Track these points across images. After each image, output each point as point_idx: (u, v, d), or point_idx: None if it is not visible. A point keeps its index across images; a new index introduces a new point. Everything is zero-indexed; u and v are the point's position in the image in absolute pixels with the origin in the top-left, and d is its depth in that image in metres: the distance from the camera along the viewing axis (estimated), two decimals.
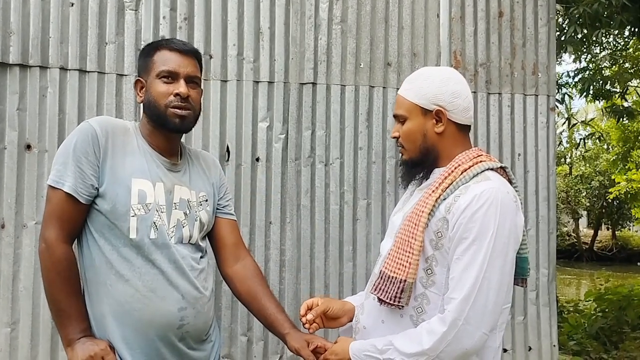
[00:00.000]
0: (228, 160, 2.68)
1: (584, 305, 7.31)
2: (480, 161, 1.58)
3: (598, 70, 8.19)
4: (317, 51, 2.79)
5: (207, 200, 1.82)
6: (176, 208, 1.70)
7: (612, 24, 5.47)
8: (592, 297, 6.61)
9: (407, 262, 1.51)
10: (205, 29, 2.69)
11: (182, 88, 1.68)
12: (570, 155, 21.37)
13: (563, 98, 8.72)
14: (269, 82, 2.74)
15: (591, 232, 22.27)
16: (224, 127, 2.69)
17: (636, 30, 6.22)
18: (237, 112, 2.70)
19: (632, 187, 14.59)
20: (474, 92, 2.91)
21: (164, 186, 1.69)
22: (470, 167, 1.56)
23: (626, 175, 14.29)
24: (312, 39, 2.79)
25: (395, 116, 1.69)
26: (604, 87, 7.95)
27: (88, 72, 2.57)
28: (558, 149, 16.47)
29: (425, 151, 1.63)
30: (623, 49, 8.23)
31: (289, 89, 2.76)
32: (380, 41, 2.85)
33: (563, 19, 6.12)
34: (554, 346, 2.95)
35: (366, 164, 2.81)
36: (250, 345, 2.67)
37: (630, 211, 20.13)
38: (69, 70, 2.55)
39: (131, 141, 1.69)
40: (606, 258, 20.38)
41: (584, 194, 20.92)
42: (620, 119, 8.34)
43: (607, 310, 6.08)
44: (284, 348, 2.57)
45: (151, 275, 1.63)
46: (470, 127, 1.69)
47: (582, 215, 23.43)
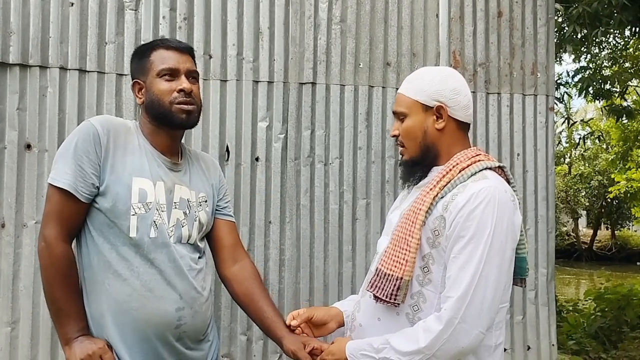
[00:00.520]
0: (228, 160, 2.69)
1: (583, 304, 7.32)
2: (478, 160, 1.58)
3: (598, 69, 8.19)
4: (317, 51, 2.79)
5: (207, 201, 1.83)
6: (176, 207, 1.70)
7: (612, 23, 5.48)
8: (591, 297, 6.62)
9: (404, 260, 1.51)
10: (204, 29, 2.70)
11: (186, 83, 1.70)
12: (569, 155, 21.39)
13: (562, 97, 8.73)
14: (269, 82, 2.74)
15: (590, 232, 22.28)
16: (224, 127, 2.69)
17: (636, 30, 6.22)
18: (237, 112, 2.71)
19: (632, 187, 14.60)
20: (473, 92, 2.92)
21: (165, 185, 1.69)
22: (468, 166, 1.56)
23: (626, 174, 14.30)
24: (312, 39, 2.79)
25: (395, 114, 1.68)
26: (604, 87, 7.96)
27: (88, 72, 2.57)
28: (557, 149, 16.48)
29: (425, 148, 1.63)
30: (623, 49, 8.23)
31: (289, 89, 2.76)
32: (379, 41, 2.85)
33: (562, 19, 6.12)
34: (553, 346, 2.96)
35: (365, 164, 2.81)
36: (249, 344, 2.68)
37: (629, 211, 20.15)
38: (69, 70, 2.55)
39: (132, 140, 1.70)
40: (605, 258, 20.38)
41: (583, 194, 20.93)
42: (619, 119, 8.34)
43: (606, 309, 6.08)
44: None
45: (149, 274, 1.63)
46: (469, 127, 1.70)
47: (582, 214, 23.45)
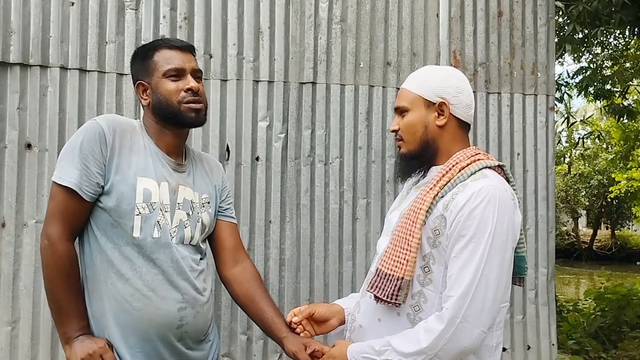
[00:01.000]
0: (228, 159, 2.69)
1: (583, 304, 7.32)
2: (478, 159, 1.58)
3: (598, 69, 8.19)
4: (317, 51, 2.79)
5: (209, 202, 1.83)
6: (179, 208, 1.71)
7: (612, 23, 5.47)
8: (591, 297, 6.61)
9: (405, 260, 1.50)
10: (205, 29, 2.70)
11: (193, 82, 1.71)
12: (570, 154, 21.38)
13: (562, 97, 8.72)
14: (269, 82, 2.74)
15: (590, 232, 22.26)
16: (224, 127, 2.70)
17: (636, 29, 6.22)
18: (237, 112, 2.71)
19: (633, 186, 14.60)
20: (474, 92, 2.90)
21: (169, 186, 1.69)
22: (468, 165, 1.56)
23: (626, 174, 14.29)
24: (312, 39, 2.79)
25: (396, 109, 1.67)
26: (604, 87, 7.96)
27: (88, 72, 2.58)
28: (557, 148, 16.47)
29: (424, 144, 1.62)
30: (624, 49, 8.23)
31: (289, 89, 2.76)
32: (379, 41, 2.85)
33: (563, 18, 6.11)
34: (553, 345, 2.96)
35: (366, 163, 2.81)
36: (250, 344, 2.68)
37: (629, 210, 20.16)
38: (70, 69, 2.55)
39: (137, 140, 1.70)
40: (605, 257, 20.37)
41: (583, 193, 20.92)
42: (620, 118, 8.33)
43: (606, 309, 6.08)
44: None
45: (152, 274, 1.63)
46: (470, 127, 1.70)
47: (582, 214, 23.44)
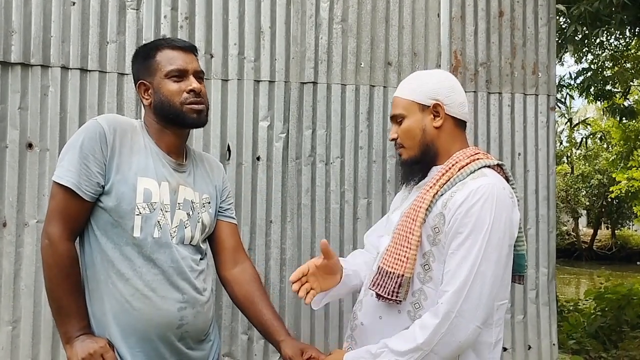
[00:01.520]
0: (229, 159, 2.69)
1: (584, 304, 7.32)
2: (477, 158, 1.61)
3: (599, 70, 8.18)
4: (318, 50, 2.79)
5: (210, 202, 1.83)
6: (180, 208, 1.71)
7: (613, 23, 5.47)
8: (592, 296, 6.61)
9: (405, 257, 1.52)
10: (206, 28, 2.70)
11: (195, 84, 1.71)
12: (570, 154, 21.36)
13: (565, 99, 8.73)
14: (270, 82, 2.74)
15: (591, 231, 22.25)
16: (225, 126, 2.70)
17: (636, 30, 6.22)
18: (238, 111, 2.71)
19: (634, 186, 14.60)
20: (474, 92, 2.92)
21: (169, 186, 1.69)
22: (467, 164, 1.58)
23: (627, 173, 14.29)
24: (313, 39, 2.79)
25: (392, 117, 1.71)
26: (605, 88, 7.95)
27: (89, 71, 2.58)
28: (558, 149, 16.47)
29: (424, 147, 1.65)
30: (624, 50, 8.22)
31: (290, 88, 2.76)
32: (380, 40, 2.85)
33: (564, 18, 6.12)
34: (554, 345, 2.96)
35: (367, 163, 2.81)
36: (250, 343, 2.68)
37: (629, 210, 20.15)
38: (70, 69, 2.55)
39: (138, 140, 1.70)
40: (606, 257, 20.36)
41: (584, 193, 20.91)
42: (622, 119, 8.33)
43: (607, 309, 6.08)
44: None
45: (152, 274, 1.63)
46: (466, 124, 1.71)
47: (582, 214, 23.43)
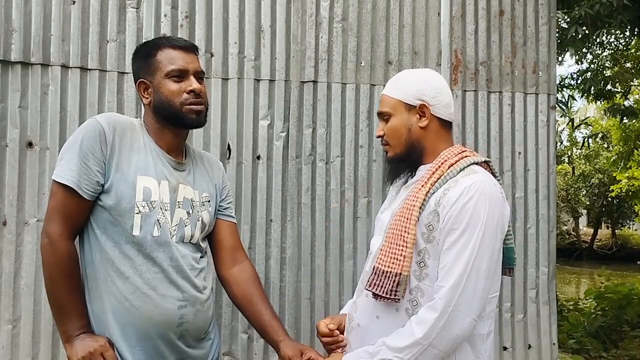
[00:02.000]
0: (229, 158, 2.69)
1: (584, 303, 7.32)
2: (465, 156, 1.64)
3: (599, 70, 8.18)
4: (318, 49, 2.79)
5: (210, 201, 1.83)
6: (179, 207, 1.70)
7: (613, 24, 5.47)
8: (592, 296, 6.62)
9: (401, 256, 1.54)
10: (206, 27, 2.70)
11: (196, 84, 1.71)
12: (570, 153, 21.36)
13: (567, 100, 8.73)
14: (270, 80, 2.74)
15: (591, 231, 22.24)
16: (225, 125, 2.70)
17: (636, 29, 6.21)
18: (238, 110, 2.71)
19: (634, 185, 14.61)
20: (475, 91, 2.92)
21: (169, 184, 1.69)
22: (456, 162, 1.62)
23: (627, 172, 14.29)
24: (313, 37, 2.79)
25: (379, 114, 1.74)
26: (605, 88, 7.95)
27: (89, 70, 2.58)
28: (558, 148, 16.49)
29: (410, 146, 1.68)
30: (625, 49, 8.22)
31: (290, 87, 2.76)
32: (381, 39, 2.85)
33: (564, 20, 6.12)
34: (554, 344, 2.96)
35: (367, 162, 2.81)
36: (250, 342, 2.68)
37: (630, 209, 20.14)
38: (71, 68, 2.55)
39: (138, 138, 1.70)
40: (606, 257, 20.33)
41: (584, 193, 20.90)
42: (622, 119, 8.33)
43: (607, 308, 6.08)
44: None
45: (152, 273, 1.63)
46: (452, 125, 1.73)
47: (582, 213, 23.41)
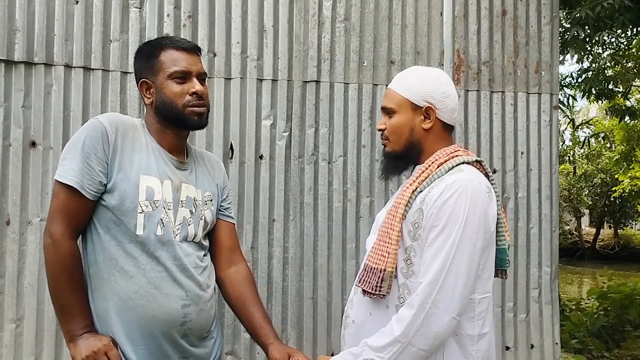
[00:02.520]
0: (232, 157, 2.69)
1: (586, 303, 7.31)
2: (456, 155, 1.64)
3: (601, 70, 8.16)
4: (321, 49, 2.79)
5: (212, 200, 1.84)
6: (183, 206, 1.71)
7: (615, 25, 5.47)
8: (594, 296, 6.61)
9: (386, 252, 1.56)
10: (209, 27, 2.70)
11: (199, 86, 1.71)
12: (572, 154, 21.33)
13: (568, 100, 8.73)
14: (273, 80, 2.74)
15: (593, 231, 22.20)
16: (228, 125, 2.70)
17: (638, 29, 6.21)
18: (241, 110, 2.71)
19: (637, 185, 14.59)
20: (477, 91, 2.92)
21: (172, 184, 1.70)
22: (445, 161, 1.63)
23: (630, 173, 14.27)
24: (316, 37, 2.79)
25: (383, 108, 1.74)
26: (607, 87, 7.93)
27: (92, 70, 2.58)
28: (560, 148, 16.46)
29: (410, 145, 1.68)
30: (626, 49, 8.21)
31: (293, 87, 2.76)
32: (383, 39, 2.85)
33: (565, 21, 6.12)
34: (556, 344, 2.96)
35: (369, 162, 2.81)
36: (253, 342, 2.67)
37: (632, 209, 20.10)
38: (74, 67, 2.56)
39: (139, 138, 1.70)
40: (608, 256, 20.30)
41: (586, 192, 20.87)
42: (622, 119, 8.32)
43: (609, 308, 6.07)
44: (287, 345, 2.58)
45: (155, 272, 1.63)
46: (453, 128, 1.74)
47: (584, 213, 23.37)
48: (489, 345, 1.62)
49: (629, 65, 8.37)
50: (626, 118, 8.27)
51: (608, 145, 18.72)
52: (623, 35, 7.64)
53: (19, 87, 2.50)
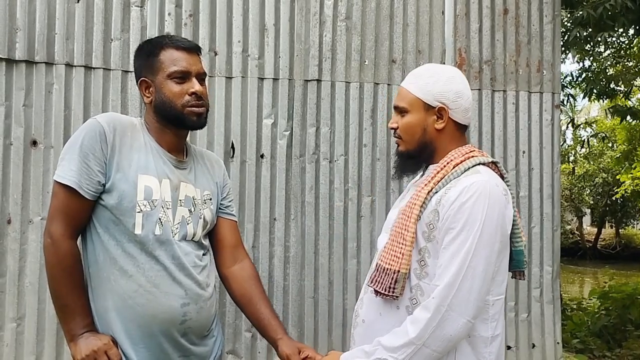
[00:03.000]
0: (233, 156, 2.69)
1: (588, 303, 7.30)
2: (472, 156, 1.62)
3: (602, 69, 8.15)
4: (322, 48, 2.79)
5: (211, 199, 1.83)
6: (181, 205, 1.71)
7: (616, 25, 5.46)
8: (596, 295, 6.60)
9: (400, 253, 1.55)
10: (210, 26, 2.70)
11: (198, 87, 1.71)
12: (574, 153, 21.32)
13: (568, 99, 8.71)
14: (274, 79, 2.74)
15: (595, 230, 22.20)
16: (229, 124, 2.70)
17: (639, 27, 6.20)
18: (242, 109, 2.71)
19: (638, 185, 14.59)
20: (479, 90, 2.92)
21: (170, 183, 1.69)
22: (461, 162, 1.61)
23: (631, 173, 14.27)
24: (317, 36, 2.79)
25: (396, 107, 1.72)
26: (608, 87, 7.92)
27: (93, 69, 2.58)
28: (562, 147, 16.44)
29: (422, 145, 1.67)
30: (627, 48, 8.20)
31: (294, 86, 2.76)
32: (385, 38, 2.85)
33: (567, 21, 6.12)
34: (558, 344, 2.95)
35: (370, 161, 2.81)
36: (254, 341, 2.68)
37: (634, 209, 20.10)
38: (75, 66, 2.56)
39: (138, 137, 1.70)
40: (610, 256, 20.30)
41: (588, 192, 20.86)
42: (624, 119, 8.31)
43: (611, 308, 6.06)
44: None
45: (155, 271, 1.63)
46: (467, 127, 1.72)
47: (586, 213, 23.36)
48: (500, 346, 1.61)
49: (630, 64, 8.37)
50: (627, 118, 8.25)
51: (610, 144, 18.70)
52: (624, 34, 7.63)
53: (20, 86, 2.50)
